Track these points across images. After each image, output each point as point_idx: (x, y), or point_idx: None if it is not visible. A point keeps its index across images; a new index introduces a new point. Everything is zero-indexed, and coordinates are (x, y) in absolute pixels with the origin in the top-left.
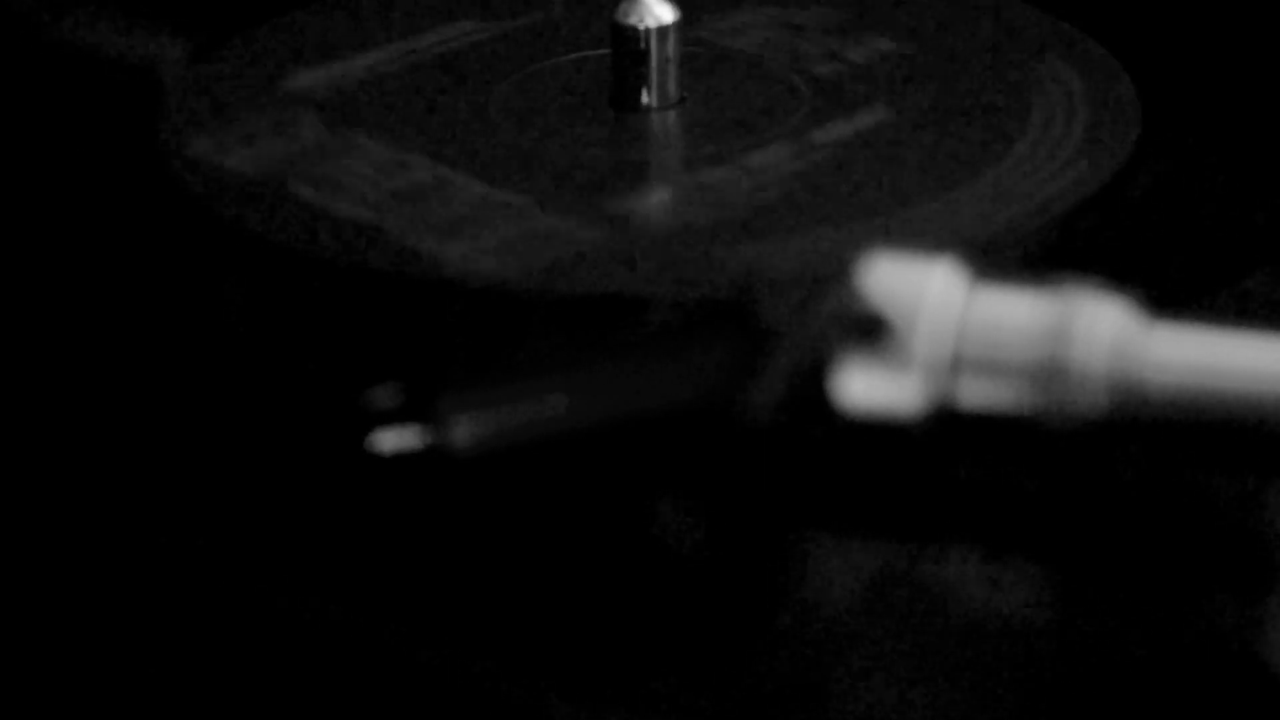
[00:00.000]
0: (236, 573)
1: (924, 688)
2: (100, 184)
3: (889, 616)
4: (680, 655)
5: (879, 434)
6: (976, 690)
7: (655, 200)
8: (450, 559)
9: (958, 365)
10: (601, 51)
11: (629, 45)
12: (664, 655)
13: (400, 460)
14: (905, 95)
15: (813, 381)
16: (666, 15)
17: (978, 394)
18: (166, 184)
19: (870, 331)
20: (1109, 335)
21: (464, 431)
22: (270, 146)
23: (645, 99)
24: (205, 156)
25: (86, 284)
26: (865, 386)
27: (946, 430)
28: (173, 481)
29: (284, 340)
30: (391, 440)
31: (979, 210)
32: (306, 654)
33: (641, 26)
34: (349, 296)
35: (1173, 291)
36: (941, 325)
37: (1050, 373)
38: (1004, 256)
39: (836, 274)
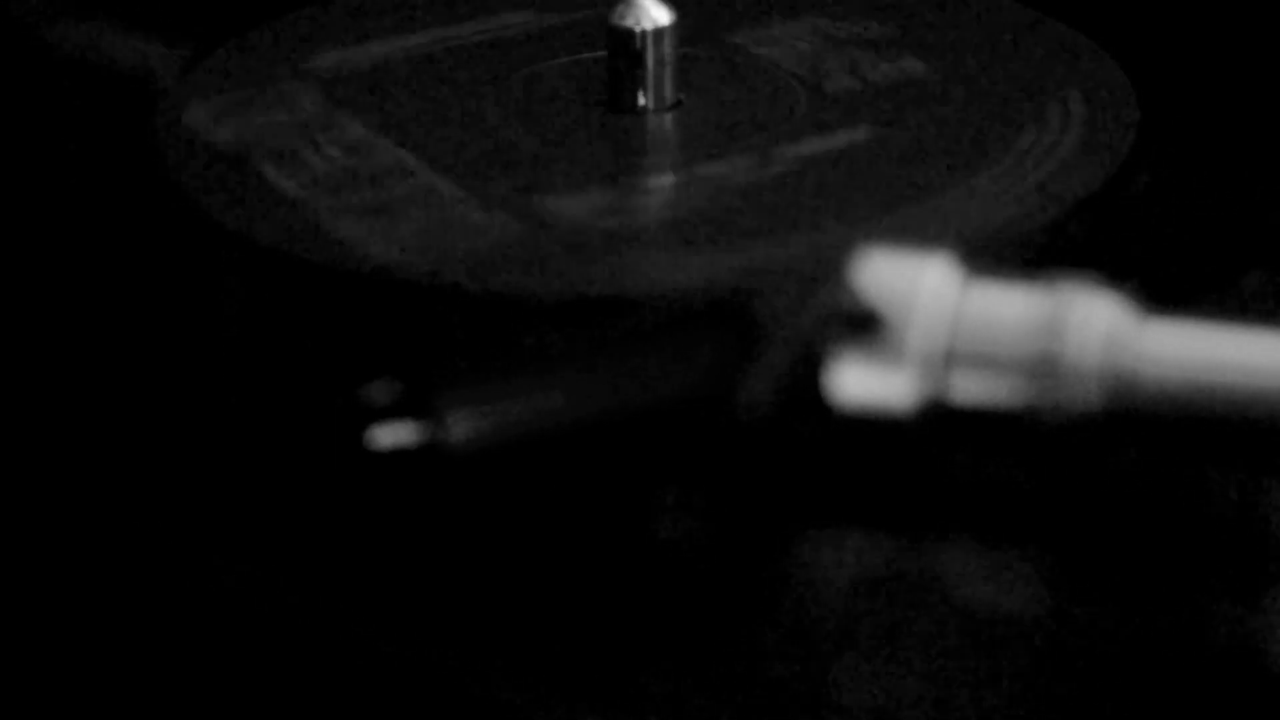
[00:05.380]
0: (233, 572)
1: (920, 684)
2: (96, 187)
3: (884, 612)
4: (677, 654)
5: (874, 429)
6: (973, 687)
7: (651, 202)
8: (447, 558)
9: (952, 360)
10: (598, 54)
11: (625, 48)
12: (661, 654)
13: (397, 457)
14: (905, 96)
15: (808, 377)
16: (662, 18)
17: (972, 389)
18: (161, 186)
19: (865, 327)
20: (1102, 330)
21: (461, 428)
22: (265, 149)
23: (641, 101)
24: (199, 159)
25: (82, 287)
26: (860, 382)
27: (941, 425)
28: (169, 481)
29: (280, 340)
30: (388, 437)
31: (977, 210)
32: (302, 653)
33: (638, 29)
34: (344, 295)
35: (1168, 291)
36: (936, 320)
37: (1044, 367)
38: (1002, 256)
39: (832, 270)
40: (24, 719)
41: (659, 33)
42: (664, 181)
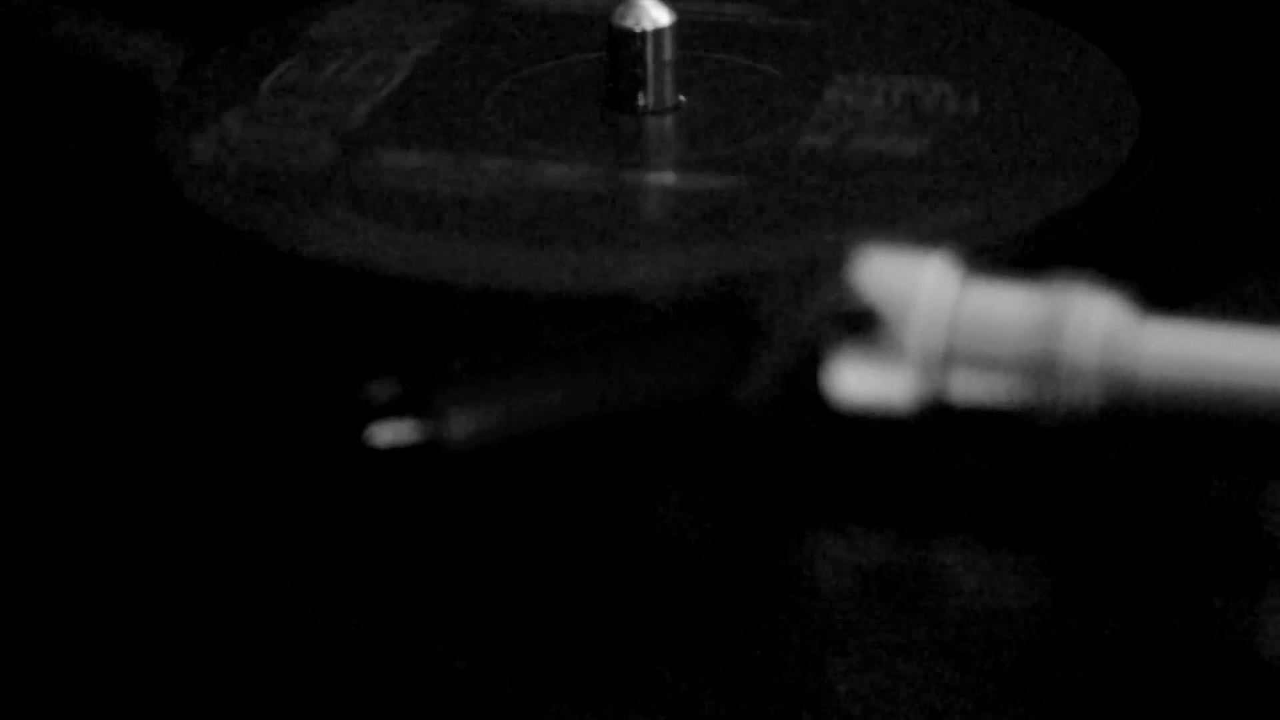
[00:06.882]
0: (233, 572)
1: (920, 682)
2: (96, 187)
3: (883, 610)
4: (676, 653)
5: (873, 429)
6: (972, 684)
7: (651, 203)
8: (448, 557)
9: (951, 360)
10: (598, 54)
11: (626, 48)
12: (660, 653)
13: (397, 456)
14: (903, 97)
15: (807, 376)
16: (663, 18)
17: (971, 388)
18: (162, 186)
19: (864, 326)
20: (1101, 329)
21: (461, 425)
22: (265, 148)
23: (642, 102)
24: (201, 159)
25: (83, 286)
26: (859, 380)
27: (940, 425)
28: (169, 481)
29: (281, 339)
30: (389, 435)
31: (978, 210)
32: (302, 653)
33: (638, 29)
34: (345, 294)
35: (1167, 291)
36: (935, 319)
37: (1043, 367)
38: (1002, 256)
39: (831, 269)
40: (24, 719)
41: (659, 33)
42: (664, 181)
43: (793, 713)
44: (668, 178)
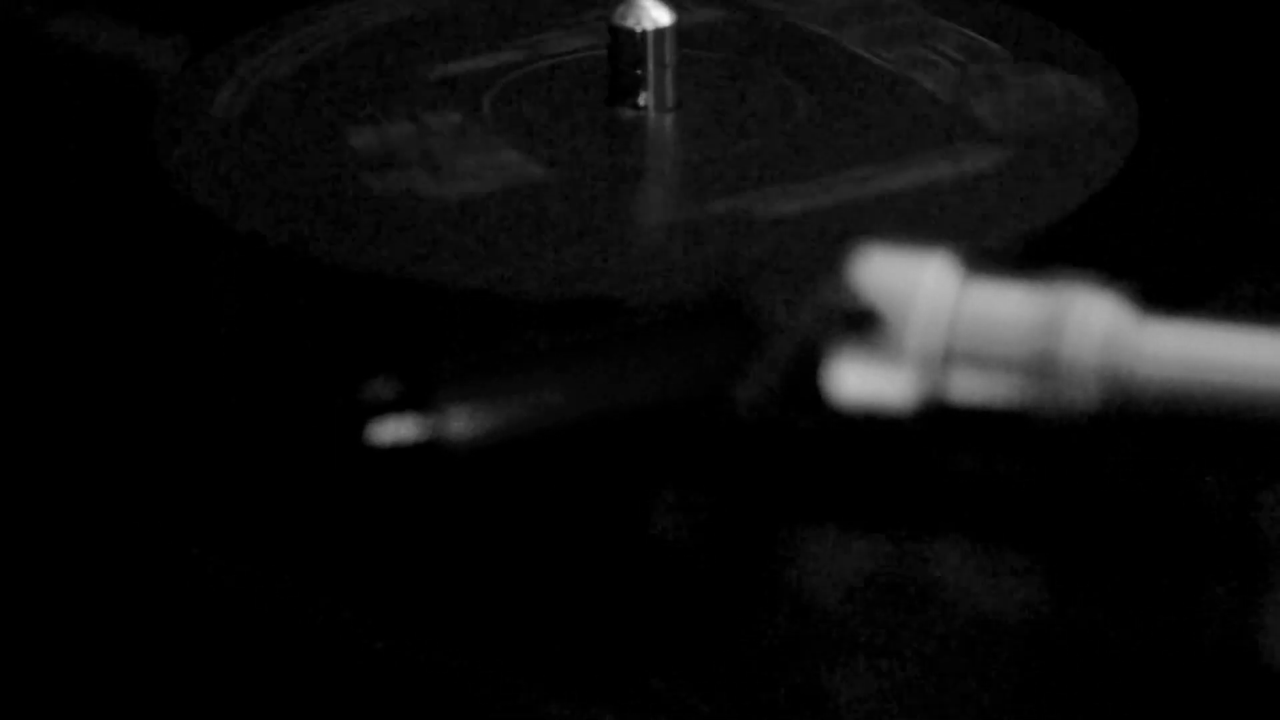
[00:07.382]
0: (233, 572)
1: (918, 683)
2: (95, 186)
3: (882, 610)
4: (675, 653)
5: (873, 428)
6: (972, 686)
7: (650, 203)
8: (446, 556)
9: (951, 359)
10: (599, 53)
11: (626, 48)
12: (659, 654)
13: (397, 455)
14: (902, 97)
15: (806, 375)
16: (664, 18)
17: (971, 388)
18: (160, 185)
19: (863, 325)
20: (1101, 329)
21: (460, 425)
22: (262, 148)
23: (642, 102)
24: (199, 157)
25: (82, 286)
26: (858, 380)
27: (940, 424)
28: (170, 481)
29: (280, 338)
30: (388, 434)
31: (977, 211)
32: (302, 653)
33: (639, 29)
34: (344, 294)
35: (1167, 291)
36: (934, 318)
37: (1043, 367)
38: (1001, 257)
39: (830, 267)
40: (24, 719)
41: (660, 33)
42: (665, 181)
43: (791, 714)
44: (668, 177)
